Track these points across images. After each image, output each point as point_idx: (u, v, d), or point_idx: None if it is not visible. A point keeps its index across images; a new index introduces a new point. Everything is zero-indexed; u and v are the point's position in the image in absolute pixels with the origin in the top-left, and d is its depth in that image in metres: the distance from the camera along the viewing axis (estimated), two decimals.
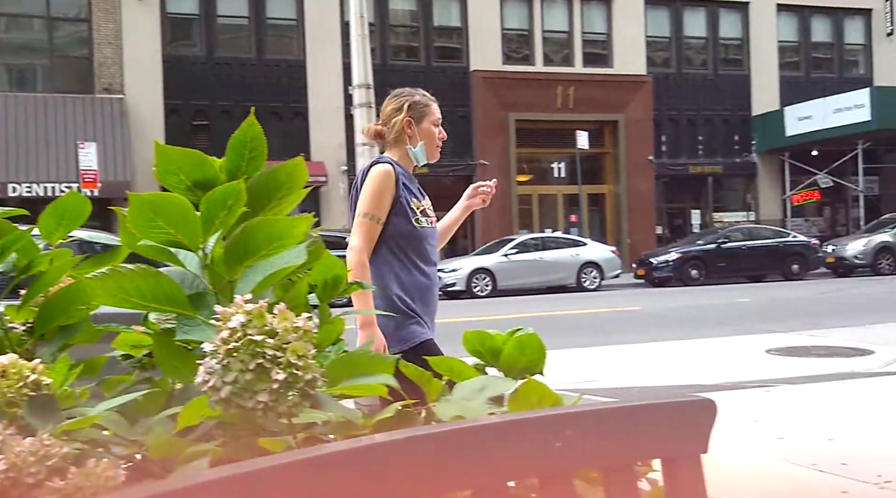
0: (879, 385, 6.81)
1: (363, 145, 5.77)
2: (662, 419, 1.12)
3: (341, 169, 24.38)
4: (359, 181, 3.12)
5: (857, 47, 30.62)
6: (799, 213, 29.51)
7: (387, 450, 0.91)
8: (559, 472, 1.01)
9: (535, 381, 1.39)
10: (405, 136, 3.21)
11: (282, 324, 1.04)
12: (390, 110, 3.21)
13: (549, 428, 1.00)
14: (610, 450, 1.04)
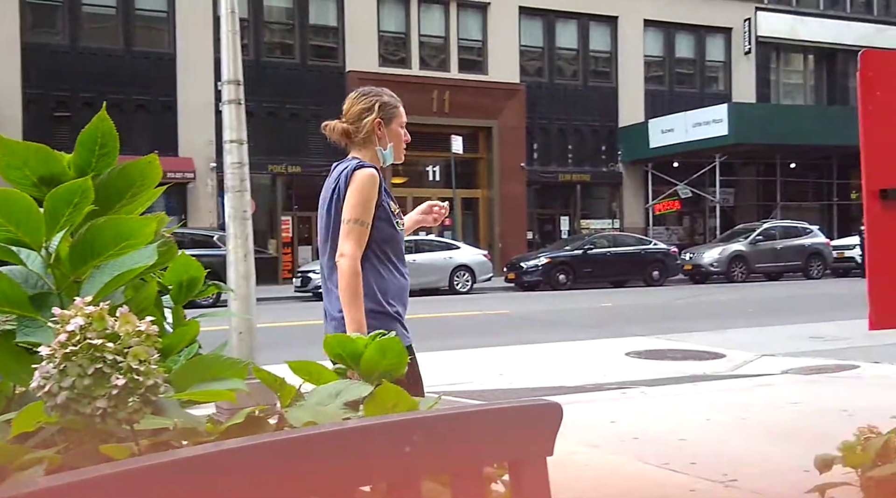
0: (729, 387, 7.17)
1: (231, 142, 5.63)
2: (509, 423, 1.15)
3: (210, 165, 23.79)
4: (341, 184, 3.01)
5: (717, 64, 32.17)
6: (660, 222, 30.76)
7: (231, 457, 0.89)
8: (408, 477, 1.02)
9: (391, 385, 1.39)
10: (375, 136, 3.14)
11: (124, 327, 1.01)
12: (359, 110, 3.15)
13: (398, 433, 1.01)
14: (458, 454, 1.06)
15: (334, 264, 2.96)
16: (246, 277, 5.48)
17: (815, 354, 9.05)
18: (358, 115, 3.15)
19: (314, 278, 20.45)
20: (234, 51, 5.77)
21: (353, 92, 3.27)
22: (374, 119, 3.12)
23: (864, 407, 5.47)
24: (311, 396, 1.34)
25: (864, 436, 3.51)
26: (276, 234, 25.74)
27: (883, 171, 4.06)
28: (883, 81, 4.11)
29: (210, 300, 18.33)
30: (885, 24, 34.29)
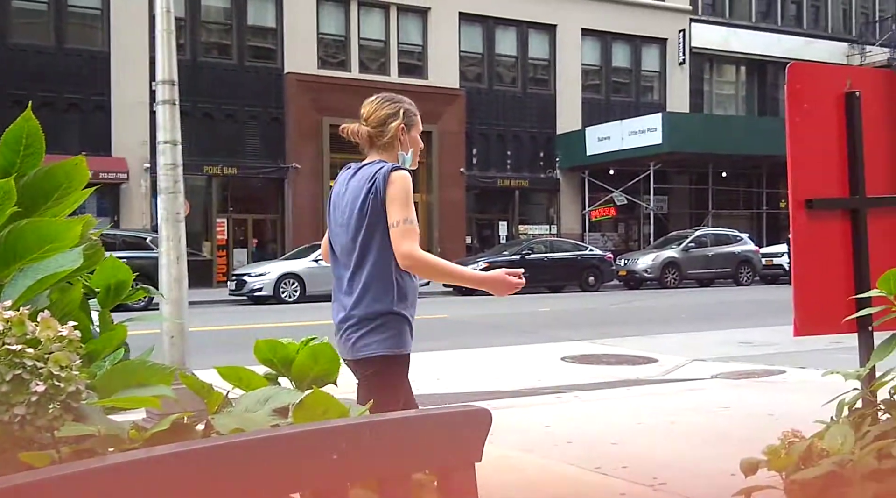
0: (660, 391, 7.30)
1: (165, 143, 5.54)
2: (437, 430, 1.15)
3: (144, 166, 23.35)
4: (379, 185, 3.01)
5: (652, 74, 32.76)
6: (596, 228, 31.17)
7: (153, 465, 0.88)
8: (334, 485, 1.01)
9: (321, 392, 1.39)
10: (398, 141, 3.17)
11: (45, 332, 0.98)
12: (384, 115, 3.17)
13: (324, 441, 1.00)
14: (385, 461, 1.06)
15: (363, 265, 3.03)
16: (178, 280, 5.39)
17: (744, 359, 9.26)
18: (383, 120, 3.17)
19: (249, 282, 20.22)
20: (168, 50, 5.68)
21: (374, 97, 3.29)
22: (399, 124, 3.16)
23: (789, 411, 5.62)
24: (239, 402, 1.33)
25: (789, 440, 3.61)
26: (210, 237, 25.37)
27: (808, 181, 4.19)
28: (810, 94, 4.24)
29: (142, 303, 17.98)
30: (813, 38, 35.33)
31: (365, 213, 3.02)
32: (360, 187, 3.06)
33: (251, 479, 0.97)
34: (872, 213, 4.23)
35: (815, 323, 4.16)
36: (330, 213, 3.20)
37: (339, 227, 3.13)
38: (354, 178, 3.12)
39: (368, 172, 3.07)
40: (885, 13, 37.50)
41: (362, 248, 3.03)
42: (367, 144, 3.21)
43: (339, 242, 3.14)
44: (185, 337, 5.35)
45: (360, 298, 3.02)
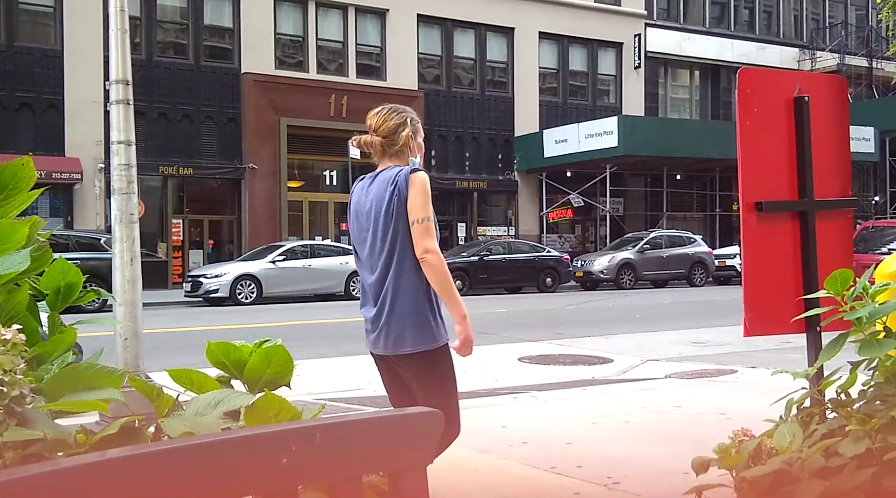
0: (615, 391, 7.38)
1: (118, 143, 5.47)
2: (388, 432, 1.15)
3: (98, 166, 22.99)
4: (401, 187, 3.24)
5: (608, 77, 33.06)
6: (554, 230, 31.37)
7: (96, 470, 0.87)
8: (284, 488, 1.01)
9: (273, 394, 1.39)
10: (407, 148, 3.42)
11: None
12: (394, 124, 3.41)
13: (274, 444, 1.00)
14: (336, 464, 1.06)
15: (392, 263, 3.22)
16: (132, 281, 5.33)
17: (697, 359, 9.39)
18: (393, 129, 3.41)
19: (205, 283, 20.02)
20: (122, 49, 5.61)
21: (380, 108, 3.55)
22: (408, 133, 3.42)
23: (740, 410, 5.71)
24: (189, 405, 1.32)
25: (739, 439, 3.67)
26: (166, 238, 25.06)
27: (758, 184, 4.26)
28: (760, 98, 4.31)
29: (96, 305, 17.72)
30: (766, 43, 35.94)
31: (391, 215, 3.22)
32: (382, 191, 3.27)
33: (199, 483, 0.96)
34: (820, 216, 4.32)
35: (764, 323, 4.24)
36: (352, 222, 3.42)
37: (364, 232, 3.34)
38: (374, 184, 3.35)
39: (388, 176, 3.29)
40: (835, 19, 38.29)
41: (391, 248, 3.23)
42: (379, 153, 3.42)
43: (365, 247, 3.34)
44: (139, 339, 5.28)
45: (395, 297, 3.22)
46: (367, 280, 3.33)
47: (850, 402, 3.70)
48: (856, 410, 3.58)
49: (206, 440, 0.98)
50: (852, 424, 3.32)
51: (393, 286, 3.22)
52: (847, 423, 3.39)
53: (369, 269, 3.31)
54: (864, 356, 3.45)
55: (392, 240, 3.22)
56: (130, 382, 1.29)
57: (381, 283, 3.25)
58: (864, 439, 3.23)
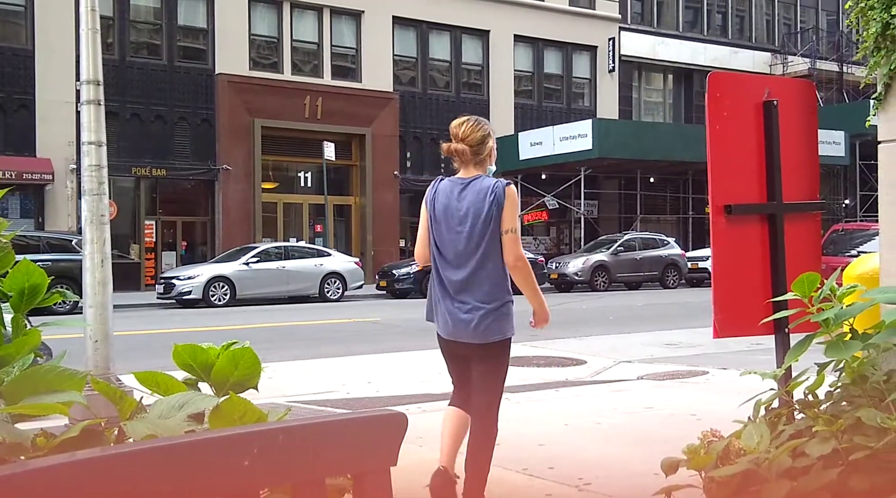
0: (588, 393, 7.41)
1: (90, 144, 5.44)
2: (352, 435, 1.15)
3: (70, 167, 22.75)
4: (500, 198, 3.63)
5: (583, 81, 33.22)
6: (528, 232, 31.45)
7: (53, 474, 0.86)
8: (246, 491, 1.01)
9: (238, 397, 1.38)
10: (489, 157, 3.80)
11: None
12: (481, 135, 3.76)
13: (236, 446, 1.00)
14: (299, 467, 1.06)
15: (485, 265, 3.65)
16: (103, 283, 5.29)
17: (669, 361, 9.46)
18: (480, 139, 3.75)
19: (178, 285, 19.88)
20: (93, 50, 5.57)
21: (465, 119, 3.87)
22: (492, 144, 3.81)
23: (711, 411, 5.76)
24: (153, 408, 1.31)
25: (708, 439, 3.71)
26: (138, 239, 24.86)
27: (728, 187, 4.31)
28: (729, 102, 4.36)
29: (67, 307, 17.55)
30: (738, 47, 36.28)
31: (488, 222, 3.62)
32: (481, 200, 3.65)
33: (160, 486, 0.96)
34: (789, 219, 4.37)
35: (734, 325, 4.29)
36: (439, 222, 3.74)
37: (453, 233, 3.69)
38: (468, 191, 3.70)
39: (484, 186, 3.68)
40: (807, 24, 38.72)
41: (487, 250, 3.63)
42: (466, 161, 3.76)
43: (454, 247, 3.70)
44: (110, 341, 5.24)
45: (487, 291, 3.64)
46: (451, 275, 3.69)
47: (817, 402, 3.75)
48: (823, 410, 3.62)
49: (167, 443, 0.98)
50: (819, 424, 3.36)
51: (486, 283, 3.65)
52: (814, 423, 3.43)
53: (456, 265, 3.68)
54: (830, 358, 3.49)
55: (486, 243, 3.63)
56: (93, 384, 1.29)
57: (468, 279, 3.66)
58: (831, 440, 3.27)
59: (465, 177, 3.75)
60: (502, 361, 3.80)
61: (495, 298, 3.67)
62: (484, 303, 3.65)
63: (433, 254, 3.78)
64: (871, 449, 3.14)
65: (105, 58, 5.52)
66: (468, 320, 3.64)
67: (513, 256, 3.64)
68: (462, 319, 3.66)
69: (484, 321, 3.65)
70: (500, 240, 3.63)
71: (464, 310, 3.65)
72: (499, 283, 3.67)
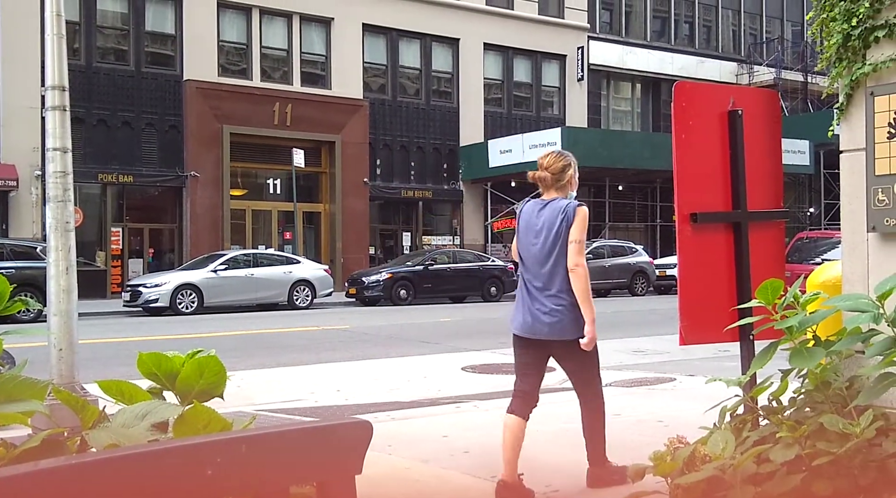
0: (556, 400, 7.42)
1: (55, 150, 5.38)
2: (315, 443, 1.15)
3: (35, 173, 22.46)
4: (569, 216, 4.25)
5: (552, 89, 33.41)
6: (498, 239, 31.53)
7: (11, 484, 0.85)
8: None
9: (202, 405, 1.37)
10: (570, 184, 4.43)
11: None
12: (562, 165, 4.40)
13: (198, 456, 0.99)
14: (262, 475, 1.05)
15: (556, 271, 4.23)
16: (67, 291, 5.23)
17: (637, 368, 9.52)
18: (561, 169, 4.40)
19: (145, 292, 19.69)
20: (58, 55, 5.51)
21: (550, 151, 4.55)
22: (571, 173, 4.43)
23: (678, 417, 5.81)
24: (116, 417, 1.30)
25: (674, 446, 3.74)
26: (105, 247, 24.59)
27: (693, 195, 4.35)
28: (695, 111, 4.40)
29: (31, 315, 17.33)
30: (705, 57, 36.69)
31: (560, 235, 4.23)
32: (554, 217, 4.28)
33: (121, 496, 0.95)
34: (753, 227, 4.42)
35: (699, 332, 4.32)
36: (522, 235, 4.39)
37: (531, 245, 4.32)
38: (546, 209, 4.34)
39: (559, 206, 4.31)
40: (772, 35, 39.26)
41: (556, 259, 4.23)
42: (548, 186, 4.40)
43: (531, 254, 4.31)
44: (75, 350, 5.18)
45: (560, 295, 4.20)
46: (531, 281, 4.30)
47: (781, 409, 3.80)
48: (787, 417, 3.67)
49: (129, 452, 0.97)
50: (783, 430, 3.40)
51: (559, 288, 4.22)
52: (778, 429, 3.47)
53: (534, 272, 4.29)
54: (794, 365, 3.54)
55: (558, 254, 4.22)
56: (55, 393, 1.27)
57: (547, 285, 4.25)
58: (794, 446, 3.31)
59: (545, 199, 4.38)
60: (590, 353, 4.31)
61: (567, 301, 4.20)
62: (557, 305, 4.20)
63: (519, 263, 4.41)
64: (834, 454, 3.19)
65: (71, 63, 5.47)
66: (546, 321, 4.21)
67: (572, 262, 4.21)
68: (541, 319, 4.22)
69: (559, 321, 4.19)
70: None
71: (543, 311, 4.22)
72: (569, 288, 4.21)
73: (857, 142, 4.09)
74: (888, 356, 3.24)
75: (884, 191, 3.97)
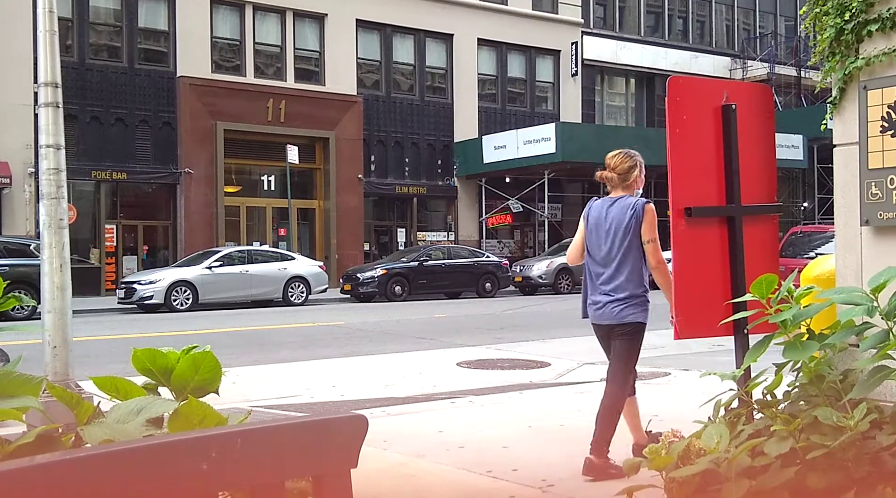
0: (552, 395, 7.44)
1: (48, 147, 5.37)
2: (311, 437, 1.15)
3: (28, 171, 22.40)
4: (639, 214, 4.59)
5: (546, 85, 33.39)
6: (493, 235, 31.54)
7: (9, 479, 0.85)
8: (205, 494, 1.01)
9: (197, 401, 1.37)
10: (635, 184, 4.77)
11: None
12: (628, 166, 4.75)
13: (194, 450, 0.99)
14: (257, 470, 1.05)
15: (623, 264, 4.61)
16: (61, 288, 5.22)
17: None
18: (627, 169, 4.74)
19: (139, 289, 19.66)
20: (51, 52, 5.50)
21: (617, 152, 4.85)
22: (637, 173, 4.78)
23: (672, 412, 5.82)
24: (111, 413, 1.30)
25: (668, 440, 3.75)
26: (99, 244, 24.53)
27: (688, 190, 4.36)
28: (689, 106, 4.41)
29: (26, 312, 17.30)
30: (699, 52, 36.69)
31: (628, 231, 4.58)
32: (622, 214, 4.61)
33: (117, 491, 0.95)
34: (747, 221, 4.43)
35: (694, 326, 4.34)
36: (590, 231, 4.71)
37: (601, 240, 4.66)
38: (614, 207, 4.67)
39: (627, 203, 4.64)
40: (766, 30, 39.29)
41: (624, 253, 4.60)
42: (615, 185, 4.74)
43: (600, 250, 4.67)
44: (69, 347, 5.18)
45: (624, 285, 4.59)
46: (598, 272, 4.67)
47: (775, 402, 3.81)
48: (781, 410, 3.68)
49: (124, 447, 0.97)
50: (777, 424, 3.41)
51: (624, 279, 4.59)
52: (772, 423, 3.48)
53: (603, 265, 4.65)
54: (788, 359, 3.54)
55: (626, 248, 4.58)
56: (49, 389, 1.27)
57: (613, 275, 4.61)
58: (789, 439, 3.32)
59: (613, 196, 4.73)
60: (635, 339, 4.63)
61: (629, 291, 4.57)
62: (621, 293, 4.57)
63: (586, 257, 4.74)
64: (828, 448, 3.20)
65: (64, 60, 5.45)
66: (609, 307, 4.58)
67: (654, 261, 4.60)
68: (605, 305, 4.60)
69: (619, 307, 4.57)
70: (636, 247, 4.59)
71: (606, 299, 4.59)
72: (633, 279, 4.58)
73: (850, 136, 4.10)
74: (882, 349, 3.25)
75: (877, 184, 3.98)
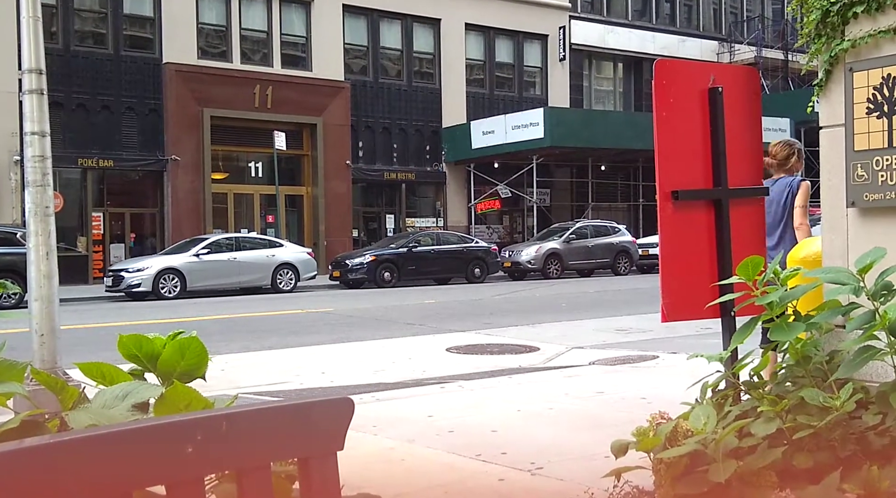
0: (540, 379, 7.47)
1: (33, 135, 5.34)
2: (296, 420, 1.15)
3: (13, 158, 22.26)
4: (794, 189, 5.50)
5: (534, 69, 33.35)
6: (482, 221, 31.56)
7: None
8: (190, 477, 1.01)
9: (182, 385, 1.37)
10: (793, 168, 5.61)
11: None
12: (786, 154, 5.61)
13: (178, 434, 0.99)
14: (243, 453, 1.05)
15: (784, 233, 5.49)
16: (48, 276, 5.19)
17: (620, 346, 9.57)
18: (785, 156, 5.60)
19: (127, 277, 19.60)
20: (35, 38, 5.45)
21: (779, 141, 5.76)
22: (796, 160, 5.62)
23: (660, 394, 5.85)
24: (96, 398, 1.30)
25: (656, 422, 3.77)
26: (86, 232, 24.42)
27: (675, 173, 4.36)
28: (676, 89, 4.41)
29: (13, 301, 17.22)
30: (686, 36, 36.70)
31: (786, 206, 5.47)
32: (781, 191, 5.50)
33: (102, 474, 0.95)
34: (734, 204, 4.44)
35: (681, 309, 4.35)
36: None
37: (767, 214, 5.05)
38: (775, 186, 5.48)
39: (785, 182, 5.53)
40: (753, 13, 39.30)
41: (785, 224, 5.47)
42: (776, 169, 5.58)
43: (766, 222, 5.01)
44: (57, 335, 5.15)
45: (787, 251, 5.04)
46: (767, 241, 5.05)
47: (762, 383, 3.83)
48: (768, 391, 3.70)
49: (109, 431, 0.97)
50: (764, 405, 3.43)
51: (782, 244, 5.37)
52: (759, 404, 3.50)
53: (769, 234, 5.18)
54: (775, 340, 3.56)
55: (785, 219, 5.45)
56: (33, 374, 1.27)
57: (776, 243, 5.39)
58: (776, 420, 3.34)
59: (775, 178, 5.57)
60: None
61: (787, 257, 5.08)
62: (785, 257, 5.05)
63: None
64: (814, 428, 3.22)
65: (49, 47, 5.41)
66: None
67: (797, 221, 5.46)
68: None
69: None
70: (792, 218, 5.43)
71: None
72: (788, 248, 5.15)
73: (836, 118, 4.11)
74: (868, 330, 3.27)
75: (863, 166, 3.99)
